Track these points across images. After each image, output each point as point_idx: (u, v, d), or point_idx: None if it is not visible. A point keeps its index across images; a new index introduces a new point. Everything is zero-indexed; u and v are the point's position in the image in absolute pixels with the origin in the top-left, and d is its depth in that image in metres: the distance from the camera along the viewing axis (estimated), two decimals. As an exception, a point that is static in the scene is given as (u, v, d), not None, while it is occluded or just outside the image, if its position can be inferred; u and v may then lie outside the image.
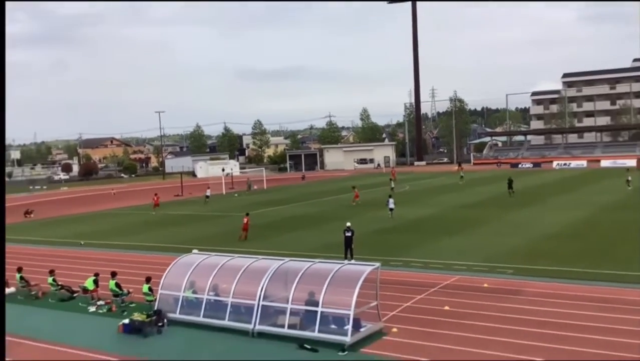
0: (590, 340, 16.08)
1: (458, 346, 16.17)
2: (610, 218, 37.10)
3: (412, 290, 21.86)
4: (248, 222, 35.78)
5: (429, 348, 16.13)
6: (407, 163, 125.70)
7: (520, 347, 15.83)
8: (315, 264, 18.88)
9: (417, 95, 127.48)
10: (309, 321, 17.38)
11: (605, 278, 22.52)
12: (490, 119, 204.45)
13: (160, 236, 39.43)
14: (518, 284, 22.23)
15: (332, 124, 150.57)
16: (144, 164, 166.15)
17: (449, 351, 15.84)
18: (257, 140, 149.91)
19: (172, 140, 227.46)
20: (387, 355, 15.88)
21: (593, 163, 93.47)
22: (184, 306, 19.76)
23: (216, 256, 21.53)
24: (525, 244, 29.75)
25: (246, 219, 35.93)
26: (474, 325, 17.73)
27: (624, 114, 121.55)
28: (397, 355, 15.80)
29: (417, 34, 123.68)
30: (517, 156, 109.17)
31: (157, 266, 26.49)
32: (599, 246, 28.57)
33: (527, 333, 16.87)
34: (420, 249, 29.76)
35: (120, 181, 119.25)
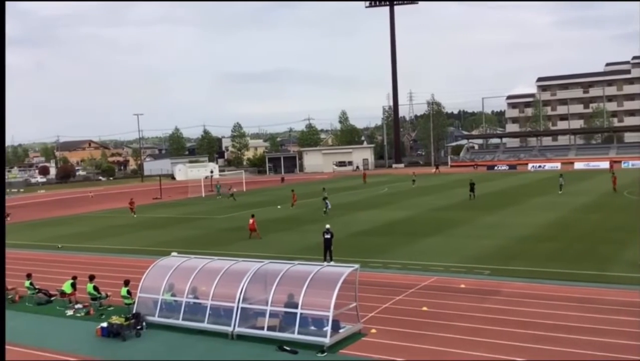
0: (569, 339, 16.37)
1: (437, 346, 16.39)
2: (583, 219, 37.76)
3: (390, 291, 22.08)
4: (254, 222, 35.93)
5: (408, 349, 16.33)
6: (385, 165, 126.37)
7: (499, 347, 16.09)
8: (294, 266, 19.00)
9: (395, 98, 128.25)
10: (288, 323, 17.49)
11: (581, 278, 22.94)
12: (466, 122, 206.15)
13: (139, 239, 39.20)
14: (495, 285, 22.57)
15: (311, 126, 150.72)
16: (122, 167, 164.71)
17: (428, 352, 16.06)
18: (237, 143, 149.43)
19: (151, 143, 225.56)
20: (366, 355, 16.04)
21: (567, 165, 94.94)
22: (163, 309, 19.73)
23: (195, 258, 21.53)
24: (501, 245, 30.19)
25: (252, 220, 36.10)
26: (452, 325, 17.99)
27: (596, 117, 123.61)
28: (375, 355, 15.97)
29: (395, 38, 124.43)
30: (493, 158, 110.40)
31: (136, 269, 26.36)
32: (573, 246, 29.09)
33: (506, 333, 17.14)
34: (399, 251, 30.03)
35: (98, 183, 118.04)
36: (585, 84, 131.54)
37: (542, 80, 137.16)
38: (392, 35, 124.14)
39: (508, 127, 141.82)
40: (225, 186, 76.03)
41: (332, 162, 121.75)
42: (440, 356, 15.68)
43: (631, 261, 25.28)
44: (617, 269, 23.97)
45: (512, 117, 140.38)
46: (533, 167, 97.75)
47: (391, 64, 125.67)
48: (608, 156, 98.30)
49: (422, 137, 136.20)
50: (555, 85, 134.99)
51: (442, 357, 15.64)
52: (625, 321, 17.61)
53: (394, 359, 15.66)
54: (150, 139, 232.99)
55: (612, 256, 26.47)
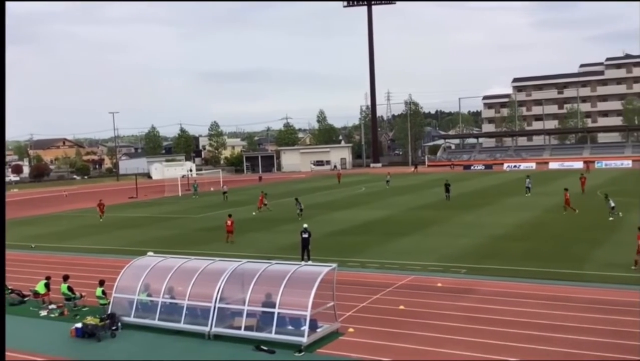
0: (543, 337, 16.59)
1: (414, 345, 16.49)
2: (557, 218, 38.28)
3: (367, 290, 22.16)
4: (232, 223, 34.67)
5: (385, 348, 16.40)
6: (363, 165, 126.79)
7: (475, 345, 16.23)
8: (272, 266, 18.96)
9: (372, 98, 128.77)
10: (265, 323, 17.45)
11: (555, 276, 23.26)
12: (443, 122, 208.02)
13: (114, 238, 38.79)
14: (471, 284, 22.78)
15: (289, 126, 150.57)
16: (97, 166, 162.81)
17: (405, 350, 16.14)
18: (214, 142, 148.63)
19: (127, 141, 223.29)
20: (344, 355, 16.07)
21: (541, 165, 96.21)
22: (139, 309, 19.56)
23: (172, 258, 21.37)
24: (477, 244, 30.48)
25: (230, 221, 34.72)
26: (429, 324, 18.11)
27: (570, 118, 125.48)
28: (353, 354, 16.02)
29: (372, 38, 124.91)
30: (470, 158, 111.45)
31: (111, 269, 26.08)
32: (547, 245, 29.47)
33: (481, 331, 17.31)
34: (376, 250, 30.15)
35: (73, 182, 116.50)
36: (560, 85, 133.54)
37: (517, 81, 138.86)
38: (369, 35, 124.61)
39: (484, 127, 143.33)
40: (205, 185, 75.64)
41: (310, 162, 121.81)
42: (417, 355, 15.77)
43: (603, 259, 25.72)
44: (589, 268, 24.35)
45: (488, 118, 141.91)
46: (509, 167, 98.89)
47: (369, 63, 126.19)
48: (582, 156, 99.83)
49: (400, 136, 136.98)
50: (531, 86, 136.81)
51: (419, 355, 15.73)
52: (597, 318, 17.90)
53: (372, 358, 15.72)
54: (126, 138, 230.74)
55: (584, 254, 26.88)
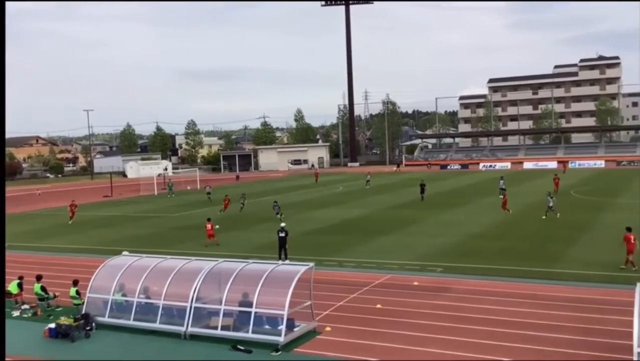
0: (519, 335, 16.76)
1: (390, 343, 16.54)
2: (532, 217, 38.72)
3: (345, 289, 22.18)
4: (212, 227, 33.14)
5: (362, 346, 16.43)
6: (340, 164, 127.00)
7: (452, 343, 16.34)
8: (249, 265, 18.88)
9: (350, 97, 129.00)
10: (242, 322, 17.37)
11: (530, 275, 23.52)
12: (420, 122, 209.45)
13: (89, 238, 38.30)
14: (447, 282, 22.95)
15: (266, 124, 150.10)
16: (71, 164, 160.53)
17: (383, 349, 16.19)
18: (191, 140, 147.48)
19: (102, 139, 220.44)
20: (321, 354, 16.07)
21: (516, 165, 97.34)
22: (113, 309, 19.35)
23: (147, 258, 21.17)
24: (453, 243, 30.72)
25: (210, 225, 33.10)
26: (405, 322, 18.18)
27: (545, 118, 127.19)
28: (330, 353, 16.02)
29: (350, 37, 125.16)
30: (446, 157, 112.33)
31: (85, 268, 25.76)
32: (522, 244, 29.81)
33: (459, 329, 17.43)
34: (353, 249, 30.21)
35: (46, 181, 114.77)
36: (535, 85, 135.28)
37: (493, 81, 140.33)
38: (347, 34, 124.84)
39: (460, 127, 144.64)
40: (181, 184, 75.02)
41: (288, 161, 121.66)
42: (393, 353, 15.83)
43: (577, 258, 26.11)
44: (563, 266, 24.68)
45: (464, 118, 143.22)
46: (484, 166, 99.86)
47: (347, 63, 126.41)
48: (556, 156, 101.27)
49: (377, 136, 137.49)
50: (506, 86, 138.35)
51: (395, 354, 15.79)
52: (571, 316, 18.15)
53: (349, 356, 15.74)
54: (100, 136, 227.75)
55: (558, 253, 27.25)
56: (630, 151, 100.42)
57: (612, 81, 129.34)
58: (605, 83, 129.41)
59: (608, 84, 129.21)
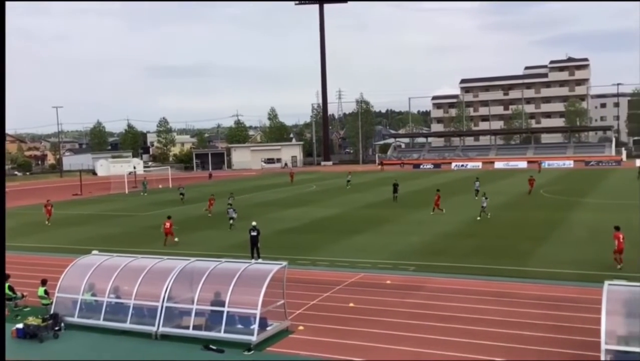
0: (489, 332, 16.92)
1: (363, 341, 16.56)
2: (503, 216, 39.21)
3: (317, 288, 22.16)
4: (171, 225, 32.83)
5: (336, 345, 16.42)
6: (314, 163, 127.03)
7: (423, 341, 16.43)
8: (221, 264, 18.73)
9: (324, 96, 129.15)
10: (214, 322, 17.23)
11: (502, 273, 23.77)
12: (394, 121, 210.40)
13: (57, 236, 37.65)
14: (420, 281, 23.07)
15: (239, 123, 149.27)
16: (39, 162, 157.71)
17: (356, 347, 16.19)
18: (163, 138, 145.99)
19: (71, 136, 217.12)
20: (294, 353, 16.02)
21: (488, 165, 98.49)
22: (83, 309, 19.05)
23: (118, 257, 20.86)
24: (425, 242, 30.92)
25: (168, 223, 32.75)
26: (378, 321, 18.23)
27: (515, 118, 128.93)
28: (303, 352, 15.98)
29: (324, 36, 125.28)
30: (419, 157, 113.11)
31: (54, 268, 25.29)
32: (494, 243, 30.15)
33: (431, 327, 17.53)
34: (326, 248, 30.21)
35: (14, 179, 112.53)
36: (506, 86, 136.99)
37: (465, 82, 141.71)
38: (321, 33, 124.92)
39: (433, 127, 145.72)
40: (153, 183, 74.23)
41: (261, 159, 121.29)
42: (366, 352, 15.85)
43: (547, 256, 26.48)
44: (534, 265, 25.02)
45: (437, 117, 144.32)
46: (456, 166, 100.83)
47: (320, 61, 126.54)
48: (526, 156, 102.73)
49: (351, 135, 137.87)
50: (478, 87, 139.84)
51: (368, 352, 15.81)
52: (541, 314, 18.39)
53: (321, 355, 15.71)
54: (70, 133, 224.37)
55: (529, 251, 27.61)
56: (599, 151, 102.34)
57: (581, 82, 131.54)
58: (575, 84, 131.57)
59: (577, 86, 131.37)
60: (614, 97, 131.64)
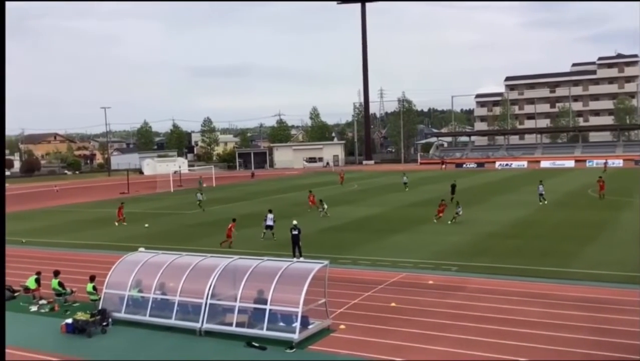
0: (531, 334, 16.70)
1: (405, 342, 16.56)
2: (547, 216, 38.47)
3: (359, 287, 22.21)
4: (232, 228, 32.17)
5: (376, 345, 16.47)
6: (355, 162, 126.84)
7: (464, 342, 16.33)
8: (263, 262, 18.98)
9: (366, 95, 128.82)
10: (257, 319, 17.47)
11: (544, 274, 23.40)
12: (436, 120, 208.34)
13: (105, 234, 38.68)
14: (462, 281, 22.89)
15: (281, 122, 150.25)
16: (88, 161, 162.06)
17: (397, 347, 16.21)
18: (206, 138, 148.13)
19: (119, 136, 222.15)
20: (335, 351, 16.13)
21: (533, 164, 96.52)
22: (130, 305, 19.53)
23: (163, 254, 21.34)
24: (468, 242, 30.60)
25: (231, 225, 32.29)
26: (420, 321, 18.19)
27: (562, 116, 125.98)
28: (344, 351, 16.07)
29: (366, 35, 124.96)
30: (462, 156, 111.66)
31: (102, 264, 26.01)
32: (537, 243, 29.62)
33: (472, 328, 17.40)
34: (368, 247, 30.21)
35: (64, 177, 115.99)
36: (552, 84, 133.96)
37: (509, 79, 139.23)
38: (363, 32, 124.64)
39: (476, 125, 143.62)
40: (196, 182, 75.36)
41: (303, 159, 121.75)
42: (407, 351, 15.84)
43: (592, 257, 25.90)
44: (577, 266, 24.51)
45: (480, 116, 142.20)
46: (500, 165, 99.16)
47: (362, 60, 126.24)
48: (573, 155, 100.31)
49: (393, 134, 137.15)
50: (523, 84, 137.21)
51: (409, 352, 15.80)
52: (585, 316, 18.04)
53: (363, 354, 15.78)
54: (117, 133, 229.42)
55: (573, 252, 27.05)
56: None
57: (631, 79, 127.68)
58: (624, 81, 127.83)
59: (626, 82, 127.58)
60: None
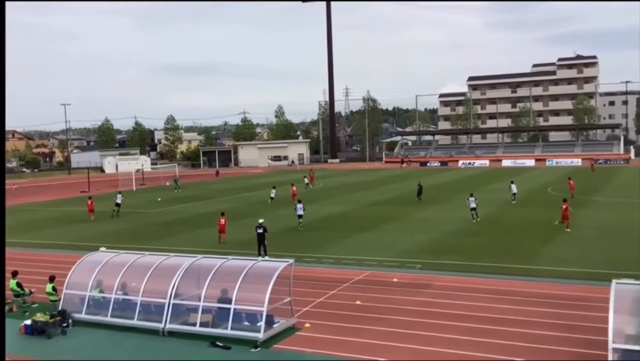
0: (498, 331, 16.90)
1: (370, 339, 16.57)
2: (510, 214, 39.10)
3: (324, 286, 22.18)
4: (226, 222, 32.33)
5: (341, 342, 16.44)
6: (321, 161, 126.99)
7: (430, 339, 16.42)
8: (228, 261, 18.79)
9: (331, 94, 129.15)
10: (221, 319, 17.29)
11: (510, 271, 23.73)
12: (401, 119, 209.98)
13: (65, 233, 37.83)
14: (427, 279, 23.04)
15: (246, 120, 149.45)
16: (47, 159, 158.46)
17: (361, 345, 16.21)
18: (170, 135, 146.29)
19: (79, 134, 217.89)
20: (300, 350, 16.05)
21: (495, 163, 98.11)
22: (90, 306, 19.14)
23: (125, 254, 20.97)
24: (432, 240, 30.87)
25: (223, 219, 32.33)
26: (387, 319, 18.22)
27: (523, 116, 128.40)
28: (309, 350, 16.00)
29: (331, 34, 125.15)
30: (426, 155, 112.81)
31: (62, 264, 25.41)
32: (500, 241, 30.07)
33: (437, 325, 17.52)
34: (333, 246, 30.21)
35: (22, 176, 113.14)
36: (513, 84, 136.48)
37: (472, 79, 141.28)
38: (328, 31, 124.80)
39: (440, 124, 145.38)
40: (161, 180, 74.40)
41: (268, 157, 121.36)
42: (373, 349, 15.86)
43: (553, 255, 26.40)
44: (541, 263, 24.94)
45: (444, 115, 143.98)
46: (463, 164, 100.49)
47: (327, 59, 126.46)
48: (534, 154, 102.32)
49: (358, 132, 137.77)
50: (485, 85, 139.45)
51: (375, 350, 15.82)
52: (551, 313, 18.34)
53: (328, 353, 15.73)
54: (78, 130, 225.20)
55: (536, 250, 27.52)
56: (607, 149, 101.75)
57: (590, 80, 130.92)
58: (583, 82, 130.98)
59: (585, 83, 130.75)
60: (622, 95, 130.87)
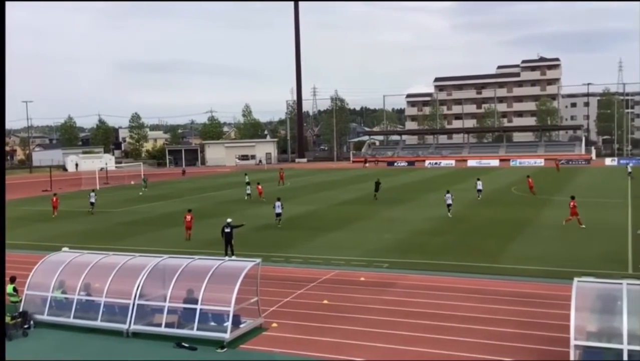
0: (464, 328, 17.08)
1: (337, 338, 16.59)
2: (475, 213, 39.66)
3: (291, 285, 22.15)
4: (192, 219, 32.62)
5: (309, 342, 16.42)
6: (288, 160, 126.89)
7: (396, 337, 16.51)
8: (194, 261, 18.59)
9: (299, 93, 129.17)
10: (187, 319, 17.10)
11: (474, 270, 24.05)
12: (368, 119, 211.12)
13: (27, 233, 36.98)
14: (393, 277, 23.19)
15: (213, 119, 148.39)
16: (8, 157, 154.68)
17: (328, 344, 16.22)
18: (135, 134, 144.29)
19: (41, 132, 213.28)
20: (267, 350, 15.97)
21: (461, 162, 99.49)
22: (53, 307, 18.74)
23: (88, 254, 20.60)
24: (399, 239, 31.09)
25: (189, 216, 32.56)
26: (352, 318, 18.27)
27: (488, 117, 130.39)
28: (276, 349, 15.94)
29: (299, 33, 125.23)
30: (393, 154, 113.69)
31: (23, 265, 24.78)
32: (465, 240, 30.46)
33: (404, 323, 17.63)
34: (300, 246, 30.19)
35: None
36: (479, 85, 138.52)
37: (439, 80, 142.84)
38: (296, 30, 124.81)
39: (407, 124, 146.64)
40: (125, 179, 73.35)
41: (235, 156, 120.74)
42: (340, 348, 15.88)
43: (516, 253, 26.85)
44: (504, 262, 25.35)
45: (411, 115, 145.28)
46: (430, 164, 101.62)
47: (295, 59, 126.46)
48: (498, 154, 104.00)
49: (326, 132, 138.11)
50: (451, 85, 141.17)
51: (342, 349, 15.84)
52: (513, 310, 18.64)
53: (295, 352, 15.70)
54: (40, 128, 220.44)
55: (500, 248, 27.97)
56: (569, 150, 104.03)
57: (552, 82, 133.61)
58: (546, 84, 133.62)
59: (548, 85, 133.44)
60: (584, 97, 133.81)
